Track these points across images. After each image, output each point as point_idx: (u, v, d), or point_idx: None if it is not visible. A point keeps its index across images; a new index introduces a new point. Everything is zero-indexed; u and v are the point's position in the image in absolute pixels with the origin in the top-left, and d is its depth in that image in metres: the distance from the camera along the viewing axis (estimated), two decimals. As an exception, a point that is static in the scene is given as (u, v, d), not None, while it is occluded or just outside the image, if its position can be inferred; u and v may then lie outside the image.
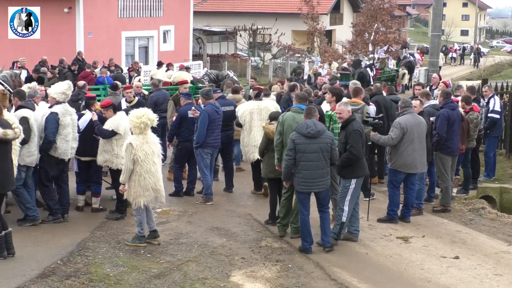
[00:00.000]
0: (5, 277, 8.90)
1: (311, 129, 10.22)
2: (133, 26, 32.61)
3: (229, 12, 50.08)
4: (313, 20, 40.85)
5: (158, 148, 10.65)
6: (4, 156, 9.40)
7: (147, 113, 10.50)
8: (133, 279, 9.21)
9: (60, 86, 11.70)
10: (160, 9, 34.14)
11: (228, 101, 14.65)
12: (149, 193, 10.43)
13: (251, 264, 10.06)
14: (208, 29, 43.51)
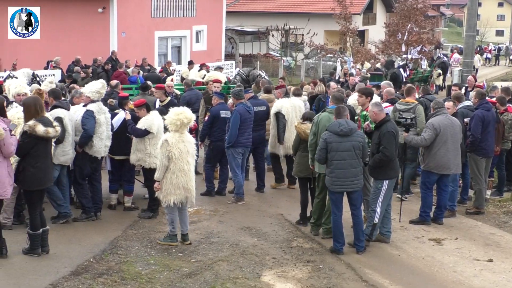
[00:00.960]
0: (40, 274, 9.00)
1: (344, 127, 10.17)
2: (166, 26, 32.76)
3: (261, 12, 50.05)
4: (346, 20, 40.65)
5: (193, 148, 10.70)
6: (44, 153, 9.53)
7: (185, 112, 10.59)
8: (164, 278, 9.25)
9: (94, 85, 11.80)
10: (193, 9, 34.25)
11: (260, 101, 14.65)
12: (180, 192, 10.46)
13: (282, 264, 10.04)
14: (240, 29, 43.54)
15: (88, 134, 11.24)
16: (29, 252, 9.60)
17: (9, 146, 9.03)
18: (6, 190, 9.12)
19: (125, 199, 12.46)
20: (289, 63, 41.62)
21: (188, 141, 10.65)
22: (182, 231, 10.78)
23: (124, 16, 30.23)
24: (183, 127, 10.53)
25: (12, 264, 9.26)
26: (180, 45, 34.63)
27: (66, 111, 11.12)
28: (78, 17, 30.04)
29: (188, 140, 10.67)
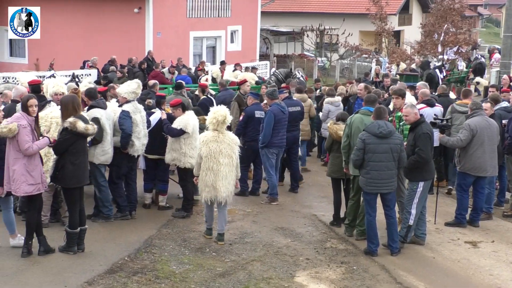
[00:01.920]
0: (75, 271, 9.09)
1: (383, 129, 10.11)
2: (201, 26, 32.88)
3: (296, 13, 49.98)
4: (381, 21, 40.40)
5: (229, 149, 10.70)
6: (83, 151, 9.64)
7: (220, 110, 10.74)
8: (198, 277, 9.29)
9: (130, 85, 11.87)
10: (228, 9, 34.32)
11: (295, 102, 14.63)
12: (208, 190, 10.65)
13: (316, 265, 10.02)
14: (275, 29, 43.50)
15: (127, 134, 11.32)
16: (65, 249, 9.71)
17: (22, 143, 9.10)
18: (19, 188, 9.22)
19: (159, 198, 12.53)
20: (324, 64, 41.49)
21: (224, 141, 10.70)
22: (218, 230, 10.88)
23: (160, 17, 30.41)
24: (220, 125, 10.66)
25: (48, 261, 9.37)
26: (215, 45, 34.74)
27: (103, 110, 11.21)
28: (114, 17, 30.31)
29: (224, 140, 10.72)
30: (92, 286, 8.68)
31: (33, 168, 9.28)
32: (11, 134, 9.03)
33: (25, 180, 9.21)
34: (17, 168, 9.16)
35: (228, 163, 10.69)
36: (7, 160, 9.23)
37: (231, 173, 10.76)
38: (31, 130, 9.21)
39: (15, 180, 9.19)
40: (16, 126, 9.03)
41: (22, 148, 9.12)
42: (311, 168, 16.54)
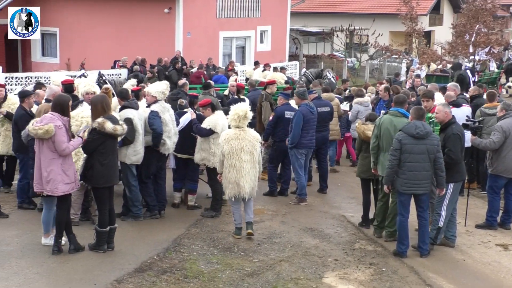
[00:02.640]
0: (105, 270, 9.15)
1: (420, 129, 10.02)
2: (231, 26, 32.94)
3: (326, 13, 49.86)
4: (411, 21, 40.16)
5: (250, 145, 10.86)
6: (112, 151, 9.69)
7: (240, 105, 11.02)
8: (226, 277, 9.30)
9: (159, 85, 11.92)
10: (257, 9, 34.34)
11: (324, 102, 14.59)
12: (232, 186, 10.85)
13: (344, 266, 9.98)
14: (305, 29, 43.46)
15: (158, 133, 11.36)
16: (95, 248, 9.78)
17: (60, 144, 9.17)
18: (56, 188, 9.28)
19: (188, 197, 12.57)
20: (353, 64, 41.38)
21: (246, 138, 10.86)
22: (246, 219, 11.10)
23: (190, 17, 30.52)
24: (242, 121, 10.85)
25: (78, 259, 9.44)
26: (244, 45, 34.78)
27: (135, 110, 11.27)
28: (144, 17, 30.48)
29: (246, 137, 10.87)
30: (122, 285, 8.73)
31: (68, 168, 9.37)
32: (48, 135, 9.08)
33: (61, 179, 9.29)
34: (54, 168, 9.23)
35: (250, 159, 10.87)
36: (39, 161, 9.28)
37: (253, 169, 10.94)
38: (66, 130, 9.30)
39: (52, 181, 9.24)
40: (53, 127, 9.09)
41: (60, 148, 9.19)
42: (340, 169, 16.48)
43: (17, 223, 11.07)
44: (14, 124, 11.65)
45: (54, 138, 9.11)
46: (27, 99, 11.89)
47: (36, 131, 9.08)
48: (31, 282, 8.58)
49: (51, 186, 9.26)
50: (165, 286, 8.83)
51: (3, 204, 11.71)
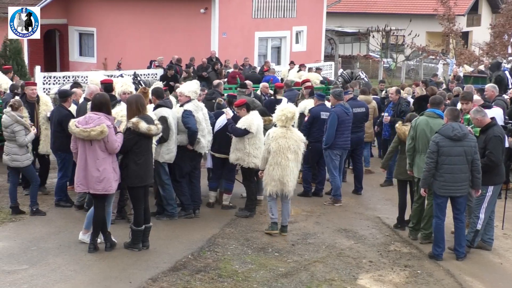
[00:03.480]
0: (140, 268, 9.22)
1: (458, 131, 9.92)
2: (266, 26, 32.94)
3: (362, 13, 49.63)
4: (449, 21, 39.76)
5: (296, 145, 11.04)
6: (146, 150, 9.75)
7: (289, 107, 11.18)
8: (260, 277, 9.31)
9: (192, 85, 11.96)
10: (293, 9, 34.29)
11: (359, 103, 14.53)
12: (275, 184, 10.96)
13: (379, 268, 9.92)
14: (340, 30, 43.31)
15: (193, 131, 11.40)
16: (130, 246, 9.86)
17: (113, 143, 9.30)
18: (111, 186, 9.40)
19: (223, 197, 12.60)
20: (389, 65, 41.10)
21: (292, 137, 11.03)
22: (281, 223, 11.18)
23: (225, 17, 30.61)
24: (288, 122, 11.03)
25: (113, 257, 9.53)
26: (279, 45, 34.76)
27: (170, 109, 11.34)
28: (180, 17, 30.64)
29: (292, 136, 11.04)
30: (156, 283, 8.79)
31: (116, 165, 9.51)
32: (102, 136, 9.17)
33: (113, 177, 9.41)
34: (106, 167, 9.34)
35: (295, 158, 11.06)
36: (83, 161, 9.35)
37: (296, 168, 11.16)
38: (114, 128, 9.42)
39: (106, 179, 9.34)
40: (106, 127, 9.18)
41: (113, 147, 9.30)
42: (375, 170, 16.38)
43: (54, 221, 11.21)
44: (57, 124, 11.71)
45: (107, 138, 9.20)
46: (69, 99, 12.03)
47: (89, 133, 9.14)
48: (68, 279, 8.68)
49: (105, 185, 9.36)
50: (199, 285, 8.87)
51: (40, 202, 11.87)
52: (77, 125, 9.26)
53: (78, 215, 11.48)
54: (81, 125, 9.24)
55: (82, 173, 9.40)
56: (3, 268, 8.95)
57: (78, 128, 9.21)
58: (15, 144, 11.22)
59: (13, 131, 11.17)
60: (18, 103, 11.44)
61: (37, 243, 10.04)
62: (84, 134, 9.18)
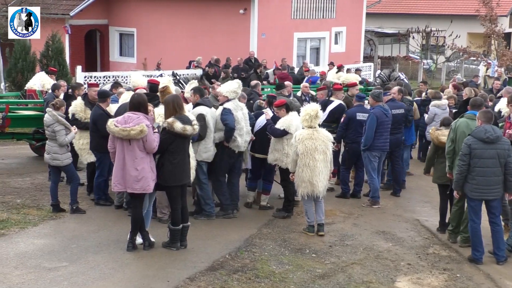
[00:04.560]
0: (177, 267, 9.27)
1: (490, 134, 9.80)
2: (305, 27, 32.90)
3: (402, 14, 49.21)
4: (491, 22, 39.24)
5: (323, 145, 11.03)
6: (182, 150, 9.77)
7: (311, 105, 11.27)
8: (297, 278, 9.29)
9: (231, 84, 11.99)
10: (332, 10, 34.18)
11: (398, 104, 14.41)
12: (305, 185, 11.04)
13: (417, 271, 9.84)
14: (380, 30, 43.03)
15: (230, 128, 11.42)
16: (168, 245, 9.92)
17: (151, 142, 9.37)
18: (149, 185, 9.46)
19: (261, 197, 12.61)
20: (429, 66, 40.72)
21: (319, 138, 11.03)
22: (317, 221, 11.23)
23: (265, 17, 30.64)
24: (313, 121, 11.05)
25: (152, 256, 9.60)
26: (318, 46, 34.68)
27: (208, 108, 11.40)
28: (220, 18, 30.77)
29: (319, 137, 11.04)
30: (194, 283, 8.83)
31: (153, 165, 9.58)
32: (142, 135, 9.25)
33: (151, 177, 9.49)
34: (145, 167, 9.41)
35: (323, 159, 11.07)
36: (122, 160, 9.43)
37: (325, 168, 11.16)
38: (152, 128, 9.50)
39: (144, 178, 9.41)
40: (145, 127, 9.27)
41: (151, 147, 9.39)
42: (414, 172, 16.24)
43: (94, 219, 11.34)
44: (92, 124, 11.87)
45: (145, 137, 9.28)
46: (108, 99, 12.12)
47: (128, 132, 9.23)
48: (106, 277, 8.77)
49: (143, 184, 9.43)
50: (236, 285, 8.89)
51: (80, 200, 12.01)
52: (116, 124, 9.34)
53: (117, 213, 11.61)
54: (120, 124, 9.32)
55: (120, 173, 9.48)
56: (43, 265, 9.08)
57: (117, 127, 9.30)
58: (55, 143, 11.37)
59: (53, 131, 11.32)
60: (60, 103, 11.60)
61: (76, 240, 10.17)
62: (123, 134, 9.26)
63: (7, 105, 15.39)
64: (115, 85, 14.10)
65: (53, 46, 24.14)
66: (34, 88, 17.43)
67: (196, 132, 9.94)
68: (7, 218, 10.92)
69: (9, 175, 14.54)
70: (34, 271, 8.81)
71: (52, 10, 31.16)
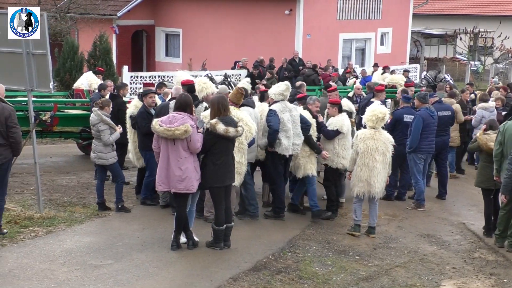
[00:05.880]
0: (221, 267, 9.30)
1: (539, 137, 9.65)
2: (351, 28, 32.72)
3: (449, 15, 48.61)
4: (541, 23, 38.53)
5: (384, 147, 11.05)
6: (226, 152, 9.76)
7: (379, 108, 11.21)
8: (341, 280, 9.25)
9: (278, 87, 11.97)
10: (378, 11, 33.93)
11: (445, 106, 14.27)
12: (362, 185, 11.04)
13: (463, 275, 9.72)
14: (426, 31, 42.58)
15: (273, 130, 11.38)
16: (212, 245, 9.95)
17: (195, 142, 9.41)
18: (192, 185, 9.51)
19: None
20: (477, 68, 40.16)
21: (380, 139, 11.07)
22: (369, 224, 11.26)
23: (310, 18, 30.57)
24: (379, 123, 11.07)
25: (196, 256, 9.64)
26: (364, 47, 34.47)
27: (251, 109, 11.40)
28: (265, 19, 30.80)
29: (380, 138, 11.07)
30: (237, 282, 8.84)
31: (197, 165, 9.63)
32: (186, 135, 9.29)
33: (195, 177, 9.53)
34: (189, 166, 9.45)
35: (383, 160, 11.06)
36: (166, 160, 9.49)
37: (384, 170, 11.12)
38: (197, 128, 9.56)
39: (188, 178, 9.45)
40: (190, 127, 9.33)
41: (195, 147, 9.44)
42: (461, 175, 16.05)
43: (139, 218, 11.44)
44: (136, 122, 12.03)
45: (190, 137, 9.35)
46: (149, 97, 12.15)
47: (173, 132, 9.29)
48: (151, 275, 8.84)
49: (187, 184, 9.47)
50: (279, 286, 8.88)
51: (126, 199, 12.14)
52: (160, 124, 9.41)
53: (161, 212, 11.69)
54: (165, 124, 9.39)
55: (164, 172, 9.54)
56: (89, 262, 9.20)
57: (161, 127, 9.36)
58: (101, 142, 11.50)
59: (98, 130, 11.46)
60: (105, 103, 11.72)
61: (121, 239, 10.27)
62: (168, 133, 9.32)
63: (55, 104, 15.64)
64: (160, 85, 14.20)
65: (100, 46, 24.47)
66: (81, 87, 17.70)
67: (240, 134, 9.92)
68: (54, 216, 11.09)
69: (57, 173, 14.78)
70: (80, 268, 8.93)
71: (100, 11, 31.56)
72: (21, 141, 10.06)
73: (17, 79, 10.92)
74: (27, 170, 14.43)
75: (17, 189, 12.94)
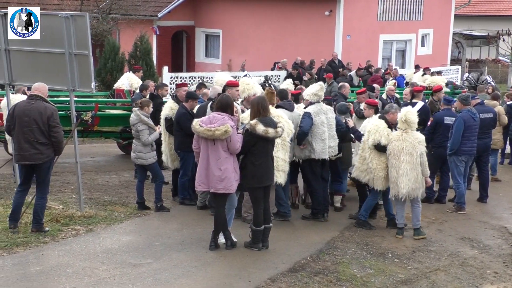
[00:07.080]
0: (259, 268, 9.31)
1: None
2: (391, 29, 32.50)
3: (492, 16, 47.97)
4: None
5: (411, 147, 10.94)
6: (265, 152, 9.77)
7: (409, 112, 11.10)
8: (379, 282, 9.19)
9: (312, 87, 11.92)
10: (420, 12, 33.62)
11: (487, 108, 14.09)
12: (392, 186, 11.05)
13: (505, 280, 9.58)
14: (468, 33, 42.07)
15: (302, 131, 11.33)
16: (250, 246, 9.96)
17: (235, 143, 9.44)
18: (232, 185, 9.54)
19: (335, 198, 12.52)
20: (520, 69, 39.54)
21: (407, 139, 10.97)
22: (412, 225, 11.25)
23: (350, 19, 30.45)
24: (407, 125, 10.96)
25: (234, 256, 9.67)
26: (404, 48, 34.19)
27: (289, 112, 11.35)
28: (304, 20, 30.76)
29: (407, 139, 10.97)
30: (275, 283, 8.84)
31: (236, 165, 9.66)
32: (226, 135, 9.33)
33: (234, 177, 9.56)
34: (228, 167, 9.49)
35: (409, 160, 10.94)
36: (206, 160, 9.52)
37: (412, 170, 10.95)
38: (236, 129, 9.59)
39: (227, 179, 9.49)
40: (230, 127, 9.37)
41: (235, 147, 9.47)
42: (503, 178, 15.84)
43: (177, 218, 11.51)
44: (176, 123, 12.05)
45: (229, 138, 9.38)
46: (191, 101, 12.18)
47: (213, 132, 9.33)
48: (189, 275, 8.88)
49: (226, 184, 9.50)
50: (317, 288, 8.87)
51: (165, 199, 12.21)
52: (201, 124, 9.45)
53: (200, 213, 11.75)
54: (205, 124, 9.43)
55: (204, 172, 9.59)
56: (129, 261, 9.28)
57: (202, 127, 9.41)
58: (140, 142, 11.60)
59: (137, 130, 11.55)
60: (144, 103, 11.81)
61: (160, 238, 10.34)
62: (208, 134, 9.36)
63: (96, 104, 15.82)
64: (200, 86, 14.27)
65: (141, 46, 24.71)
66: (122, 87, 17.89)
67: (279, 134, 9.93)
68: (94, 214, 11.21)
69: (97, 173, 14.95)
70: (119, 267, 9.01)
71: (140, 12, 31.86)
72: (63, 140, 10.22)
73: (59, 79, 11.06)
74: (68, 169, 14.63)
75: (59, 188, 13.13)
